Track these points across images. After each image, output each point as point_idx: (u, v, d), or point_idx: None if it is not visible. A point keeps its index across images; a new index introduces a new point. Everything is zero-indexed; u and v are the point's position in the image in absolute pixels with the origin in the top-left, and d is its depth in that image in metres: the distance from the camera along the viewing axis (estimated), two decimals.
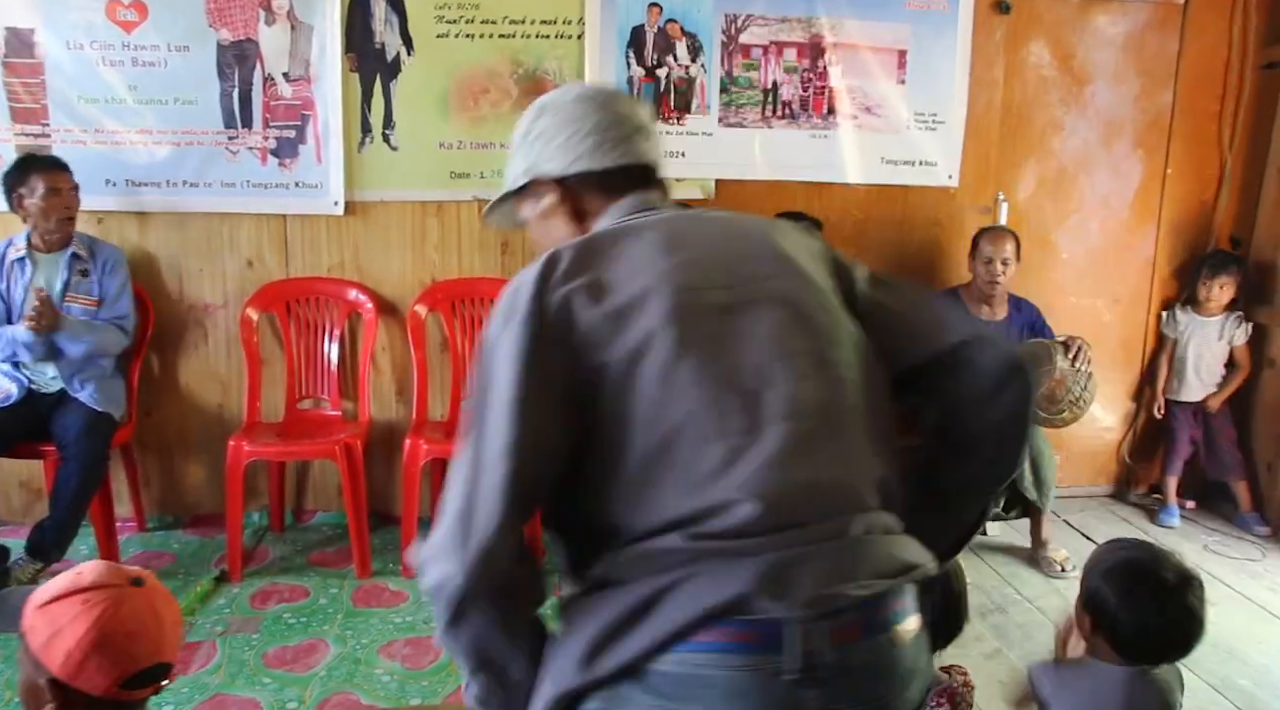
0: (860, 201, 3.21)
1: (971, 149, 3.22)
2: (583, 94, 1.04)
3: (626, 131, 1.02)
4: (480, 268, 3.02)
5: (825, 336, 0.93)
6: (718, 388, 0.87)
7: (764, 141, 3.08)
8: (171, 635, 1.12)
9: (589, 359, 0.88)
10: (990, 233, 3.00)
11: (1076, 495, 3.48)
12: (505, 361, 0.88)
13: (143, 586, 1.11)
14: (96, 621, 1.05)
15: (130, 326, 2.70)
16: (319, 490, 3.13)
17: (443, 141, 2.93)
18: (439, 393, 3.04)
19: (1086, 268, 3.42)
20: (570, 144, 1.01)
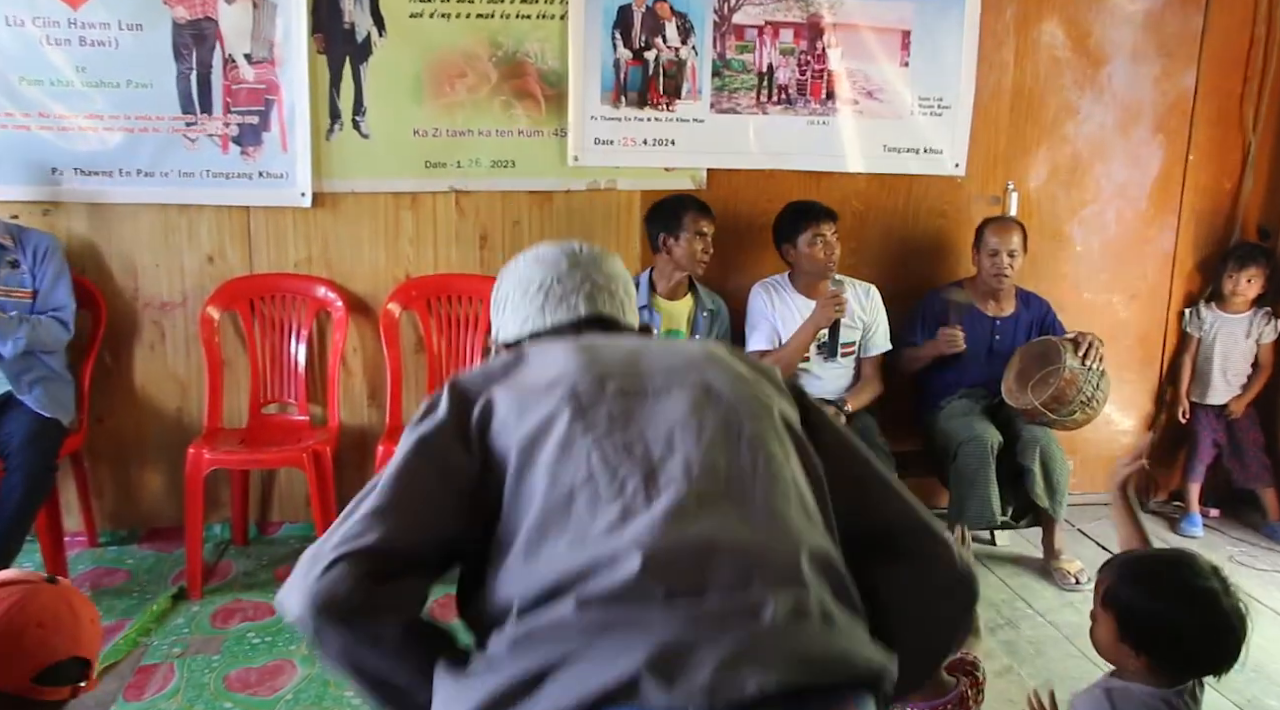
0: (861, 191, 3.19)
1: (979, 135, 3.20)
2: (535, 255, 1.14)
3: (571, 287, 1.10)
4: (458, 263, 3.01)
5: (745, 412, 0.95)
6: (617, 455, 0.89)
7: (759, 128, 3.06)
8: (90, 632, 1.13)
9: (500, 444, 0.94)
10: (996, 223, 2.99)
11: (1091, 502, 3.45)
12: (405, 444, 0.96)
13: (57, 584, 1.13)
14: (6, 613, 1.07)
15: (69, 318, 2.65)
16: (285, 501, 3.12)
17: (417, 128, 2.91)
18: (413, 396, 3.02)
19: (1102, 261, 3.40)
20: (521, 307, 1.11)
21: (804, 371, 2.90)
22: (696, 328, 2.86)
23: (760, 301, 2.92)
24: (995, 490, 2.76)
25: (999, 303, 3.01)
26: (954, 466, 2.81)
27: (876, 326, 2.97)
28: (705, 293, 2.90)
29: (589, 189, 3.00)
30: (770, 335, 2.89)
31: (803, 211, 2.84)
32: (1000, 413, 2.92)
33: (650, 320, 2.79)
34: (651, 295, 2.81)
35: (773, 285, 2.94)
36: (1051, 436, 2.84)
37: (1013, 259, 2.94)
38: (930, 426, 2.99)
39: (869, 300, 2.96)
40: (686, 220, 2.74)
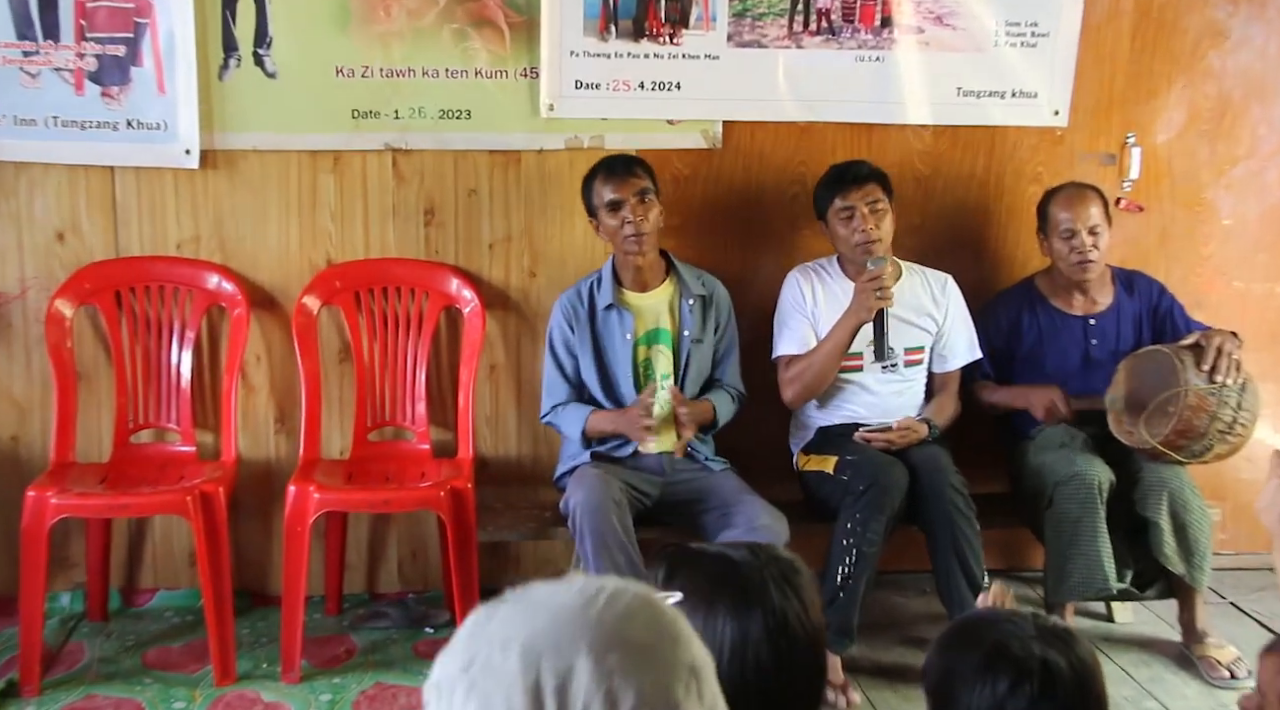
0: (926, 150, 3.09)
1: (1088, 72, 3.10)
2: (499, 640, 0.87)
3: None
4: (396, 244, 2.93)
5: None
6: None
7: (791, 67, 2.96)
8: None
9: None
10: (1063, 194, 2.88)
11: (1247, 567, 3.31)
12: None
13: None
14: None
15: None
16: (161, 560, 3.01)
17: (341, 66, 2.81)
18: (336, 420, 2.95)
19: (1260, 238, 3.28)
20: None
21: (849, 383, 2.80)
22: (684, 322, 2.77)
23: (795, 292, 2.85)
24: (1108, 547, 2.65)
25: (1089, 295, 2.91)
26: (1050, 514, 2.71)
27: (954, 328, 2.89)
28: (692, 274, 2.80)
29: (568, 148, 2.92)
30: (804, 336, 2.80)
31: (831, 177, 2.80)
32: (1113, 444, 2.78)
33: (621, 323, 2.72)
34: (618, 291, 2.74)
35: (815, 271, 2.86)
36: (1184, 477, 2.72)
37: (1095, 236, 2.82)
38: (1018, 462, 2.88)
39: (944, 295, 2.86)
40: (595, 194, 2.70)
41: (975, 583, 2.56)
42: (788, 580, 1.17)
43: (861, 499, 2.52)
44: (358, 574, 3.02)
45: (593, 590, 0.78)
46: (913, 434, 2.71)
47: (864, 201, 2.71)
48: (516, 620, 0.77)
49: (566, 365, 2.72)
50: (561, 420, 2.71)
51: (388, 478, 2.77)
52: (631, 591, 0.79)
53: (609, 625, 0.75)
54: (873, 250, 2.69)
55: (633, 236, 2.63)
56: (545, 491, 2.89)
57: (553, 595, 0.78)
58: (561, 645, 0.74)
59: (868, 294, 2.63)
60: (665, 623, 0.78)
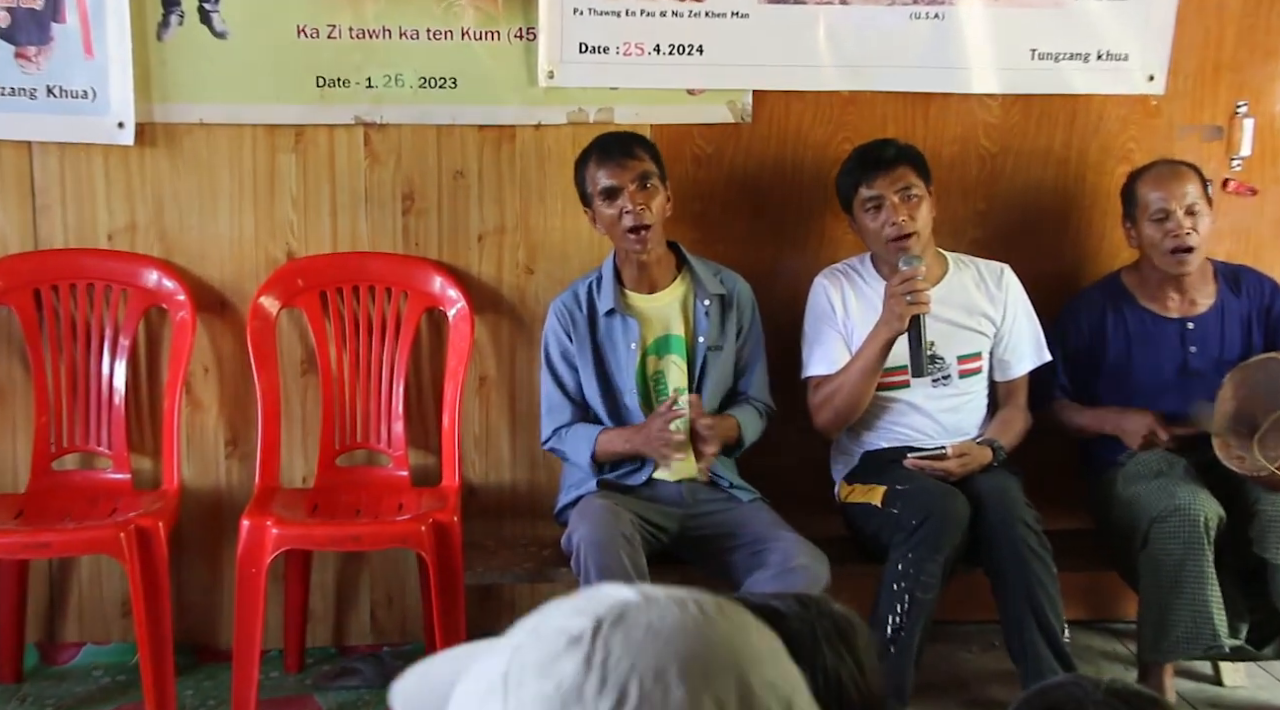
0: (994, 123, 3.04)
1: (1191, 29, 3.03)
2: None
3: None
4: (370, 235, 2.89)
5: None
6: None
7: (833, 26, 2.91)
8: None
9: None
10: (1152, 172, 2.82)
11: None
12: None
13: None
14: None
15: None
16: (89, 608, 2.97)
17: (303, 25, 2.76)
18: (299, 442, 2.93)
19: None
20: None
21: (896, 402, 2.74)
22: (699, 326, 2.69)
23: (823, 301, 2.80)
24: (1217, 595, 2.57)
25: (1185, 294, 2.85)
26: (1146, 556, 2.63)
27: (1015, 327, 2.80)
28: (708, 270, 2.73)
29: (571, 123, 2.88)
30: (836, 353, 2.75)
31: (853, 162, 2.76)
32: (1221, 472, 2.71)
33: (625, 331, 2.66)
34: (620, 293, 2.68)
35: (845, 274, 2.82)
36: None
37: (1194, 218, 2.74)
38: (1104, 493, 2.81)
39: (1001, 288, 2.78)
40: (588, 179, 2.65)
41: (1053, 637, 2.47)
42: (843, 638, 1.17)
43: (915, 536, 2.43)
44: (323, 624, 2.95)
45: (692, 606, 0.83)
46: (973, 460, 2.62)
47: (893, 189, 2.66)
48: (650, 647, 0.81)
49: (567, 380, 2.64)
50: (567, 445, 2.63)
51: (359, 510, 2.69)
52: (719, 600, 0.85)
53: (741, 640, 0.83)
54: (907, 246, 2.62)
55: (633, 229, 2.56)
56: (544, 526, 2.82)
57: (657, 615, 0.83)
58: (713, 666, 0.80)
59: (898, 300, 2.55)
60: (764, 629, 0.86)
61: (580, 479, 2.62)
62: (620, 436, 2.58)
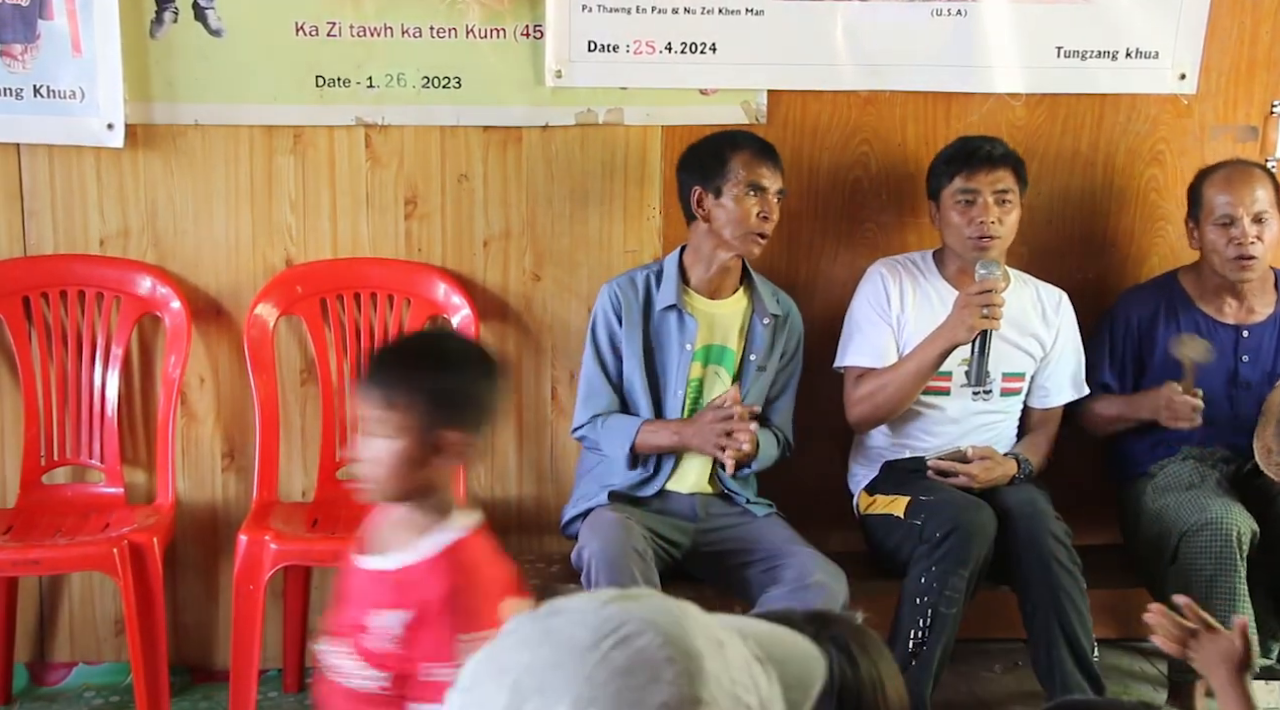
0: (1019, 124, 3.02)
1: (1224, 25, 3.01)
2: None
3: None
4: (371, 240, 2.88)
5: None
6: None
7: (852, 23, 2.90)
8: None
9: None
10: (1224, 173, 2.80)
11: None
12: None
13: None
14: None
15: None
16: (80, 627, 2.95)
17: (302, 23, 2.75)
18: (299, 455, 2.91)
19: None
20: None
21: (930, 408, 2.71)
22: (753, 344, 2.68)
23: (878, 290, 2.77)
24: (1249, 611, 2.53)
25: (1243, 301, 2.84)
26: (1175, 571, 2.63)
27: (1062, 357, 2.81)
28: (767, 288, 2.72)
29: (579, 124, 2.86)
30: (883, 347, 2.71)
31: (956, 151, 2.73)
32: (1256, 486, 2.74)
33: (681, 329, 2.62)
34: (683, 291, 2.64)
35: (906, 267, 2.80)
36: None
37: (1261, 226, 2.73)
38: (1133, 506, 2.82)
39: (1058, 315, 2.79)
40: (734, 166, 2.59)
41: (1082, 655, 2.45)
42: (864, 651, 1.19)
43: (939, 548, 2.41)
44: None
45: (610, 626, 0.83)
46: (996, 467, 2.60)
47: (991, 188, 2.64)
48: (525, 646, 0.85)
49: (611, 365, 2.61)
50: (602, 435, 2.58)
51: (360, 524, 2.59)
52: (652, 634, 0.83)
53: (603, 677, 0.81)
54: (987, 248, 2.59)
55: (759, 233, 2.57)
56: (552, 540, 2.79)
57: (572, 623, 0.85)
58: (549, 690, 0.81)
59: (973, 310, 2.51)
60: (672, 681, 0.82)
61: (590, 491, 2.58)
62: (668, 428, 2.55)
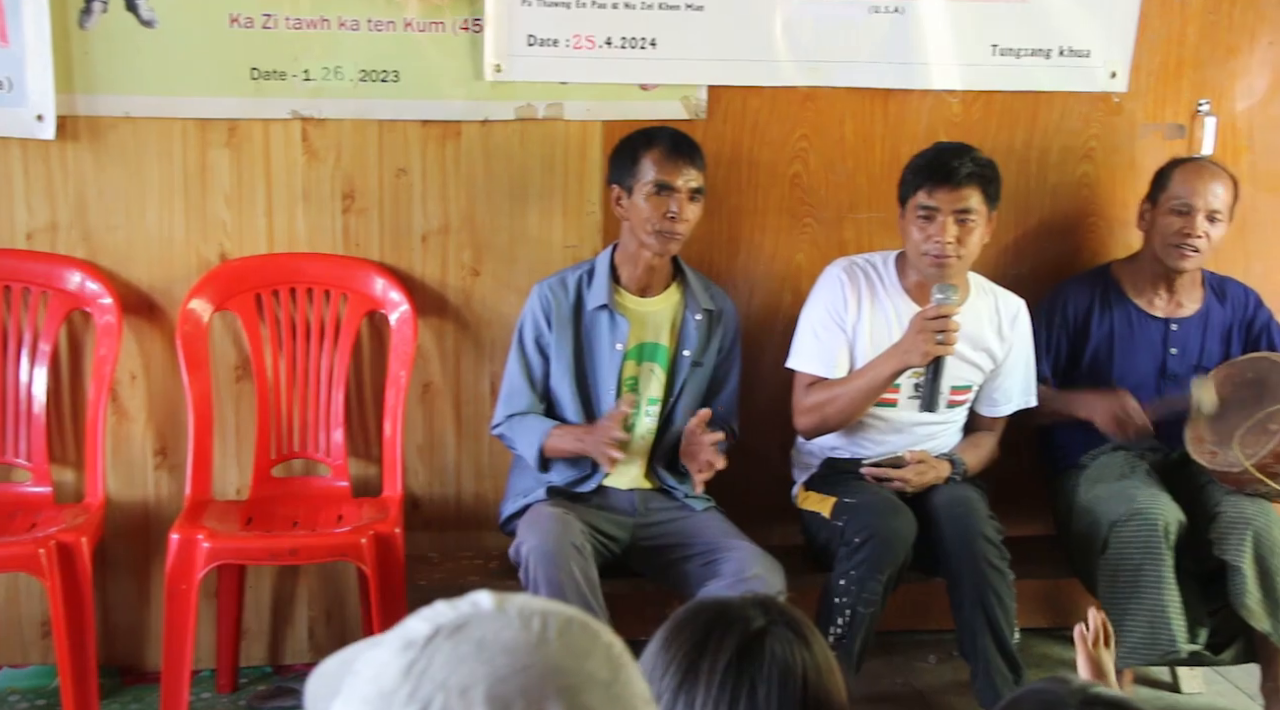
0: (955, 120, 3.06)
1: (1154, 25, 3.07)
2: None
3: None
4: (307, 235, 2.87)
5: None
6: None
7: (791, 20, 2.92)
8: None
9: None
10: (1192, 165, 2.87)
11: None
12: None
13: None
14: None
15: None
16: (6, 630, 2.93)
17: (237, 14, 2.74)
18: (234, 453, 2.91)
19: None
20: None
21: (878, 420, 2.73)
22: (686, 340, 2.69)
23: (836, 296, 2.75)
24: (1176, 600, 2.63)
25: (1175, 294, 2.91)
26: (1105, 562, 2.70)
27: (1013, 369, 2.83)
28: (700, 283, 2.74)
29: (519, 118, 2.88)
30: (835, 355, 2.72)
31: (926, 163, 2.68)
32: (1183, 474, 2.81)
33: (612, 329, 2.64)
34: (614, 290, 2.67)
35: (865, 272, 2.77)
36: (1273, 515, 2.68)
37: (1212, 225, 2.80)
38: (1065, 497, 2.87)
39: (1013, 328, 2.78)
40: (645, 164, 2.62)
41: (1003, 642, 2.53)
42: (803, 641, 1.26)
43: (858, 553, 2.46)
44: (258, 642, 2.92)
45: (536, 623, 0.86)
46: (930, 470, 2.64)
47: (952, 207, 2.59)
48: (467, 661, 0.84)
49: (535, 367, 2.63)
50: (516, 433, 2.61)
51: (296, 522, 2.67)
52: (574, 620, 0.88)
53: (572, 664, 0.84)
54: (944, 266, 2.58)
55: (669, 232, 2.58)
56: (491, 536, 2.81)
57: (494, 628, 0.85)
58: (531, 691, 0.81)
59: (927, 336, 2.51)
60: (616, 653, 0.88)
61: (528, 487, 2.61)
62: (572, 434, 2.57)
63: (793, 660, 1.23)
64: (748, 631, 1.24)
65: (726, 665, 1.22)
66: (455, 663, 0.83)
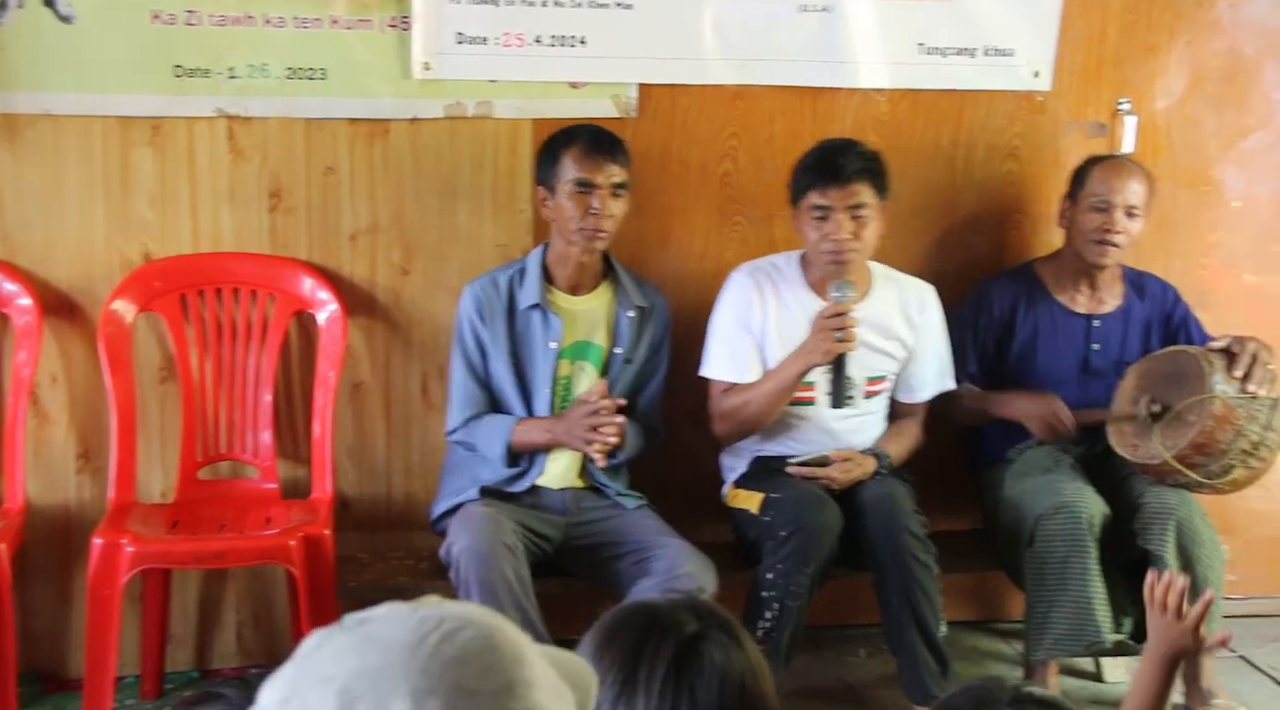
0: (882, 119, 3.08)
1: (1075, 25, 3.11)
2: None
3: None
4: (234, 234, 2.85)
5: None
6: None
7: (720, 18, 2.94)
8: None
9: None
10: (1109, 162, 2.90)
11: (1260, 613, 3.33)
12: None
13: None
14: None
15: None
16: None
17: (159, 11, 2.71)
18: (158, 454, 2.88)
19: (1274, 223, 3.33)
20: None
21: (799, 419, 2.75)
22: (619, 337, 2.70)
23: (741, 300, 2.77)
24: (1101, 591, 2.67)
25: (1096, 290, 2.95)
26: (1031, 555, 2.73)
27: (927, 355, 2.86)
28: (632, 281, 2.75)
29: (449, 117, 2.88)
30: (745, 359, 2.74)
31: (813, 162, 2.70)
32: (1106, 467, 2.84)
33: (545, 328, 2.64)
34: (546, 289, 2.66)
35: (769, 274, 2.79)
36: (1194, 505, 2.73)
37: (1131, 221, 2.83)
38: (992, 492, 2.89)
39: (922, 314, 2.82)
40: (565, 163, 2.62)
41: (930, 636, 2.56)
42: (736, 642, 1.26)
43: (784, 547, 2.48)
44: (184, 647, 2.89)
45: (431, 624, 0.85)
46: (856, 467, 2.66)
47: (844, 204, 2.61)
48: (345, 654, 0.85)
49: (478, 366, 2.63)
50: (478, 436, 2.60)
51: (223, 525, 2.64)
52: (474, 628, 0.86)
53: (436, 668, 0.83)
54: (842, 264, 2.60)
55: (593, 230, 2.56)
56: (422, 536, 2.79)
57: (390, 627, 0.86)
58: (381, 688, 0.82)
59: (826, 335, 2.55)
60: (502, 667, 0.85)
61: (460, 486, 2.60)
62: (540, 425, 2.57)
63: (730, 664, 1.23)
64: (683, 637, 1.24)
65: (665, 673, 1.22)
66: (336, 654, 0.84)
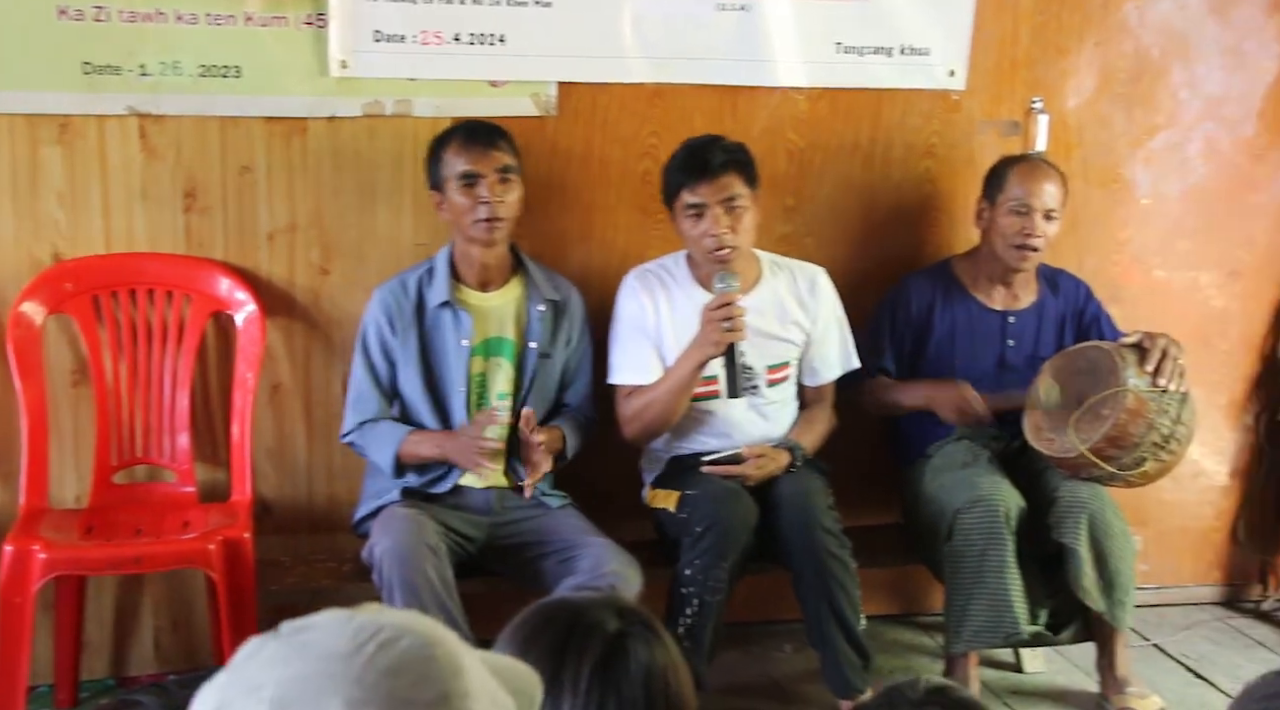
0: (801, 117, 3.10)
1: (989, 27, 3.14)
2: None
3: None
4: (147, 234, 2.82)
5: None
6: None
7: (639, 16, 2.94)
8: None
9: None
10: (1025, 165, 2.93)
11: (1174, 602, 3.38)
12: None
13: None
14: None
15: None
16: None
17: (66, 7, 2.68)
18: (71, 459, 2.84)
19: (1182, 220, 3.36)
20: None
21: (706, 413, 2.77)
22: (531, 333, 2.70)
23: (633, 305, 2.79)
24: (1018, 583, 2.70)
25: (1012, 288, 2.98)
26: (950, 549, 2.75)
27: (826, 336, 2.88)
28: (543, 275, 2.75)
29: (367, 115, 2.87)
30: (646, 361, 2.76)
31: (681, 161, 2.72)
32: (1022, 462, 2.88)
33: (456, 326, 2.64)
34: (455, 287, 2.66)
35: (657, 275, 2.81)
36: (1106, 499, 2.76)
37: (1049, 223, 2.86)
38: (912, 487, 2.93)
39: (814, 296, 2.83)
40: (446, 160, 2.64)
41: (850, 630, 2.58)
42: (660, 642, 1.26)
43: (701, 542, 2.51)
44: (100, 654, 2.85)
45: (367, 634, 0.84)
46: (769, 462, 2.67)
47: (717, 198, 2.63)
48: (278, 662, 0.84)
49: (382, 373, 2.62)
50: (368, 441, 2.60)
51: (139, 530, 2.62)
52: (411, 637, 0.85)
53: (371, 678, 0.82)
54: (726, 259, 2.61)
55: (486, 221, 2.56)
56: (344, 539, 2.78)
57: (325, 635, 0.85)
58: (314, 698, 0.81)
59: (715, 326, 2.56)
60: (438, 677, 0.84)
61: (381, 488, 2.58)
62: (430, 440, 2.56)
63: (654, 661, 1.23)
64: (607, 636, 1.24)
65: (591, 673, 1.22)
66: (271, 662, 0.83)
